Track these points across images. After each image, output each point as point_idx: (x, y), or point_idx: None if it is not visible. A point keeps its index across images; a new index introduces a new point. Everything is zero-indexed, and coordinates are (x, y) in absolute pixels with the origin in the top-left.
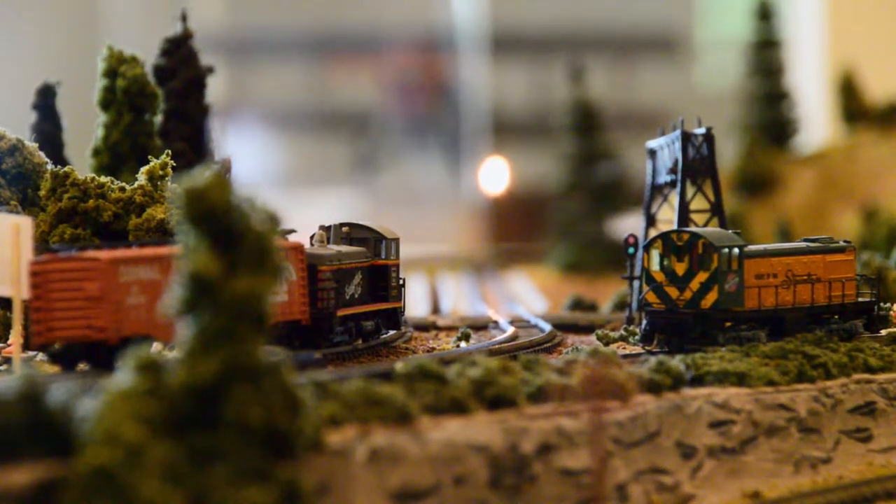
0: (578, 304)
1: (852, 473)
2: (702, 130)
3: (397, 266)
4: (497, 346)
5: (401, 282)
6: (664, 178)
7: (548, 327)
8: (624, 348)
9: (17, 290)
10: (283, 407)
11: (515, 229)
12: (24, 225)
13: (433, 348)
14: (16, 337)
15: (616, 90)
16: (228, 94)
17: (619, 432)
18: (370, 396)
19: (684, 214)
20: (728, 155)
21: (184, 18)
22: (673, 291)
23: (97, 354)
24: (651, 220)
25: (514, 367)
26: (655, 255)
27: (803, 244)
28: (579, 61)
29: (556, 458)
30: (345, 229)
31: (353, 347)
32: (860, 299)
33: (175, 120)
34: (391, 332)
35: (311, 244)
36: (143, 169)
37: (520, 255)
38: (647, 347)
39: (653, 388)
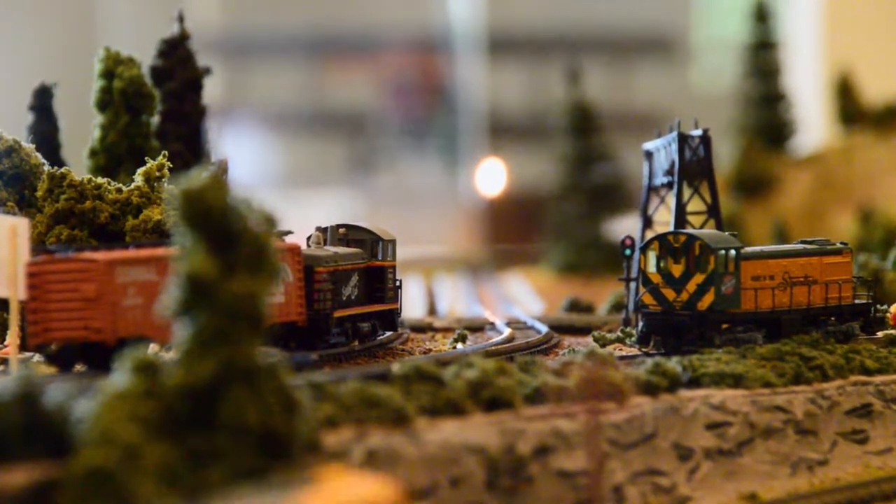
0: (575, 306)
1: (849, 475)
2: (698, 132)
3: (394, 267)
4: (494, 348)
5: (397, 283)
6: (661, 179)
7: (544, 329)
8: (620, 350)
9: (14, 290)
10: (279, 408)
11: (512, 231)
12: (20, 226)
13: (430, 350)
14: (13, 338)
15: (613, 91)
16: (225, 96)
17: (615, 434)
18: (367, 398)
19: (681, 216)
20: (725, 156)
21: (181, 19)
22: (669, 293)
23: (94, 355)
24: (648, 222)
25: (511, 368)
26: (652, 256)
27: (800, 246)
28: (576, 63)
29: (552, 460)
30: (341, 230)
31: (349, 349)
32: (857, 301)
33: (172, 121)
34: (388, 334)
35: (308, 245)
36: (140, 170)
37: (516, 257)
38: (643, 349)
39: (649, 389)
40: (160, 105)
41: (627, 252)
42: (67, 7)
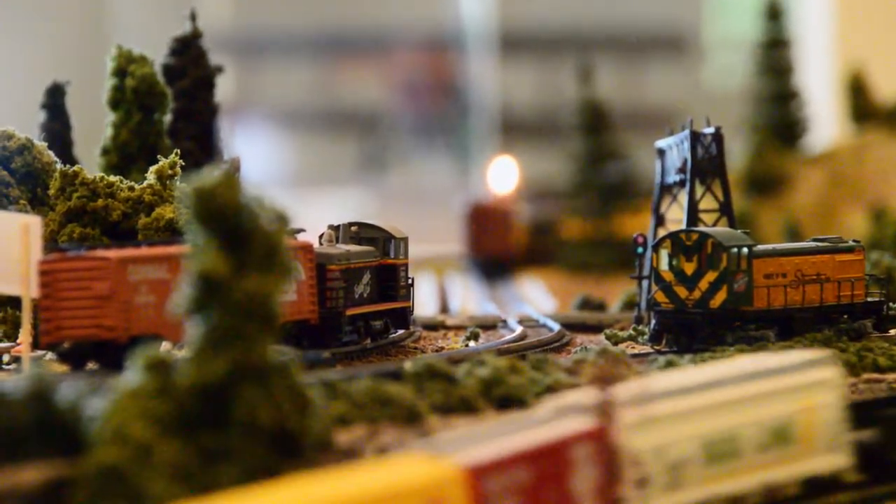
0: (587, 304)
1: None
2: (711, 130)
3: (406, 265)
4: (506, 346)
5: (409, 281)
6: (673, 177)
7: (556, 327)
8: (633, 348)
9: (27, 289)
10: (291, 406)
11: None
12: (33, 224)
13: (442, 348)
14: (25, 336)
15: (624, 90)
16: (237, 94)
17: None
18: (379, 396)
19: (693, 214)
20: (737, 154)
21: (193, 18)
22: (682, 291)
23: (106, 354)
24: (660, 220)
25: (523, 366)
26: (664, 254)
27: (812, 244)
28: (588, 61)
29: None
30: (353, 228)
31: (361, 347)
32: (869, 299)
33: (184, 119)
34: (400, 332)
35: (320, 243)
36: (152, 168)
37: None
38: (655, 347)
39: None
40: (172, 103)
41: (640, 250)
42: (80, 5)
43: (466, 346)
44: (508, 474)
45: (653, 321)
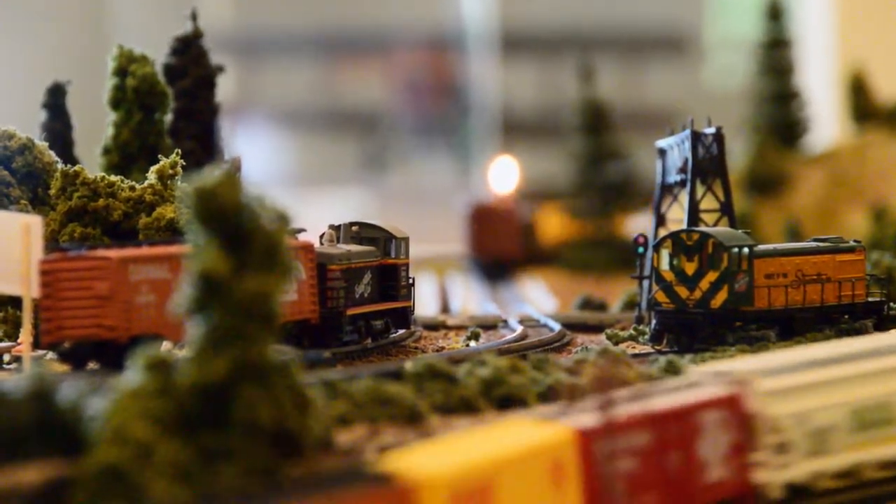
0: (588, 304)
1: None
2: (711, 130)
3: (407, 265)
4: (506, 346)
5: (410, 281)
6: (674, 177)
7: (557, 326)
8: (633, 348)
9: (27, 288)
10: (292, 406)
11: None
12: (33, 224)
13: (442, 348)
14: (26, 336)
15: (625, 90)
16: (238, 94)
17: None
18: (379, 396)
19: (694, 214)
20: (737, 154)
21: (193, 17)
22: (682, 291)
23: (107, 353)
24: (661, 220)
25: (524, 366)
26: (665, 254)
27: (813, 244)
28: (589, 60)
29: None
30: (354, 228)
31: (362, 347)
32: (870, 299)
33: (184, 119)
34: (401, 332)
35: (321, 243)
36: (153, 168)
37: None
38: (656, 347)
39: None
40: (173, 103)
41: (640, 250)
42: (80, 5)
43: (467, 345)
44: (625, 438)
45: (653, 321)
